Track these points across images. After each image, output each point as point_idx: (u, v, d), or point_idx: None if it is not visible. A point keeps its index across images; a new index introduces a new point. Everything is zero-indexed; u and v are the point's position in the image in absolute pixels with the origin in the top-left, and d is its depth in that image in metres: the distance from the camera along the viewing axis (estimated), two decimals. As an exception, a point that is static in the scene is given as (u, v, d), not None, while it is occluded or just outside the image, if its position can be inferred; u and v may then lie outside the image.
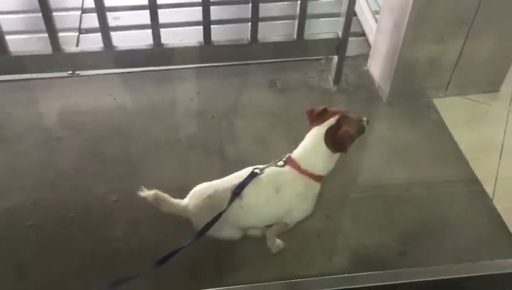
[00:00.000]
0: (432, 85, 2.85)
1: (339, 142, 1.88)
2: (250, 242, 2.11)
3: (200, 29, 2.69)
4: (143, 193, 1.96)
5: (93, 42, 2.88)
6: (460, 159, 2.55)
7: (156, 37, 2.66)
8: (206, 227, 1.83)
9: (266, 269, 2.07)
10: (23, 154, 2.51)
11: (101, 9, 2.53)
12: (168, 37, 2.80)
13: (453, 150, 2.60)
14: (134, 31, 3.24)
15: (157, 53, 2.74)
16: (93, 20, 2.69)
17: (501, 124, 2.76)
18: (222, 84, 2.95)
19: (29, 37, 3.11)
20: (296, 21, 2.70)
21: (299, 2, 2.64)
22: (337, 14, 2.77)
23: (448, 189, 2.44)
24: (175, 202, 2.01)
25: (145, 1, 2.55)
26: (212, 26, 2.68)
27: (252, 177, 1.91)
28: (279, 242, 2.11)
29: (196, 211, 1.95)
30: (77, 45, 3.13)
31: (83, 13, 3.37)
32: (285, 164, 1.95)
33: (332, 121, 1.90)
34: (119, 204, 2.28)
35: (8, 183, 2.38)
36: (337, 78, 2.93)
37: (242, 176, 1.95)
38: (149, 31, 2.66)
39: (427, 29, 2.56)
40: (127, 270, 1.98)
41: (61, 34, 2.63)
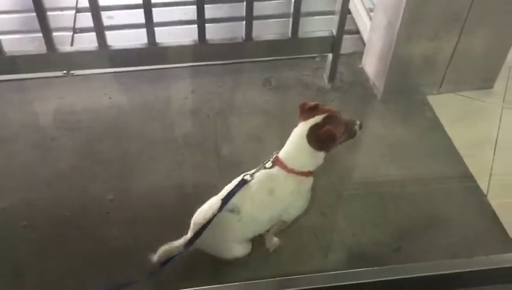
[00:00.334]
0: (426, 82, 2.86)
1: (319, 140, 1.81)
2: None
3: (195, 27, 2.68)
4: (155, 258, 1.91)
5: (88, 41, 2.88)
6: (454, 156, 2.56)
7: (150, 36, 2.66)
8: (196, 235, 1.83)
9: (264, 267, 2.08)
10: (18, 154, 2.50)
11: (95, 9, 2.52)
12: (163, 36, 2.80)
13: (447, 147, 2.61)
14: (129, 30, 3.24)
15: (152, 52, 2.73)
16: (87, 19, 2.69)
17: (495, 120, 2.77)
18: (217, 82, 2.95)
19: (23, 37, 3.10)
20: (291, 19, 2.70)
21: (293, 0, 2.65)
22: (332, 12, 2.77)
23: (442, 185, 2.45)
24: (180, 240, 1.94)
25: (139, 0, 2.54)
26: (206, 25, 2.67)
27: (242, 185, 1.85)
28: (276, 240, 2.12)
29: (199, 241, 1.88)
30: (72, 44, 3.12)
31: (77, 12, 3.36)
32: (273, 165, 1.89)
33: (318, 118, 1.82)
34: (115, 203, 2.29)
35: (3, 183, 2.38)
36: (332, 76, 2.94)
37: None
38: (143, 30, 2.65)
39: (421, 26, 2.57)
40: (123, 269, 2.00)
41: (55, 33, 2.63)
